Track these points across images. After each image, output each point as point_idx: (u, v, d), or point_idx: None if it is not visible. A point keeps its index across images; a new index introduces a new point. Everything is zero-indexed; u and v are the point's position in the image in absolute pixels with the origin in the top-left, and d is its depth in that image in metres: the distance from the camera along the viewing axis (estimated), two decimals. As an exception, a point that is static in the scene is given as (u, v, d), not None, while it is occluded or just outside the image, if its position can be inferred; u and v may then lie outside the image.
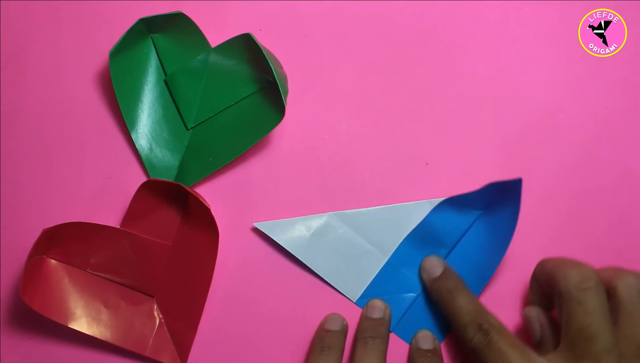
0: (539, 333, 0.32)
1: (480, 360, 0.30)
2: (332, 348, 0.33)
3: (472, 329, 0.30)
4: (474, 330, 0.30)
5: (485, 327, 0.30)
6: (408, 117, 0.36)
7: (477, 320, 0.31)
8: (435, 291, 0.33)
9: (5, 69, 0.37)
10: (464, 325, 0.31)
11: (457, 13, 0.36)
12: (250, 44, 0.33)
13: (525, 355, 0.29)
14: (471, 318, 0.31)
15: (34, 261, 0.33)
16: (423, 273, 0.34)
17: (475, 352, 0.30)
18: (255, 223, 0.35)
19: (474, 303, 0.32)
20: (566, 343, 0.28)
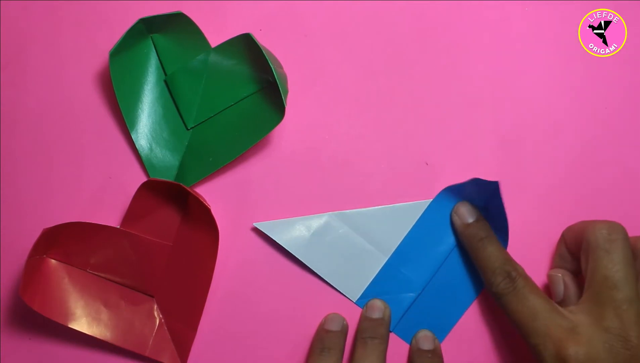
0: (562, 293, 0.32)
1: (504, 306, 0.31)
2: (332, 349, 0.33)
3: (500, 275, 0.31)
4: (502, 276, 0.31)
5: (513, 274, 0.31)
6: (408, 117, 0.36)
7: (506, 268, 0.31)
8: (467, 237, 0.33)
9: (5, 69, 0.37)
10: (493, 270, 0.32)
11: (457, 13, 0.36)
12: (250, 44, 0.33)
13: (549, 303, 0.29)
14: (500, 265, 0.31)
15: (34, 261, 0.33)
16: (455, 218, 0.34)
17: (500, 297, 0.31)
18: (255, 223, 0.35)
19: (503, 252, 0.32)
20: (590, 293, 0.29)
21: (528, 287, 0.31)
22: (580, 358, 0.27)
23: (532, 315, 0.29)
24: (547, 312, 0.29)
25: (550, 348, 0.28)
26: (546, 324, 0.29)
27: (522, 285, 0.31)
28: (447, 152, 0.36)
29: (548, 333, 0.28)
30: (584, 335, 0.28)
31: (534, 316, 0.29)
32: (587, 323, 0.28)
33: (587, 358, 0.27)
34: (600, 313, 0.28)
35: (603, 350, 0.27)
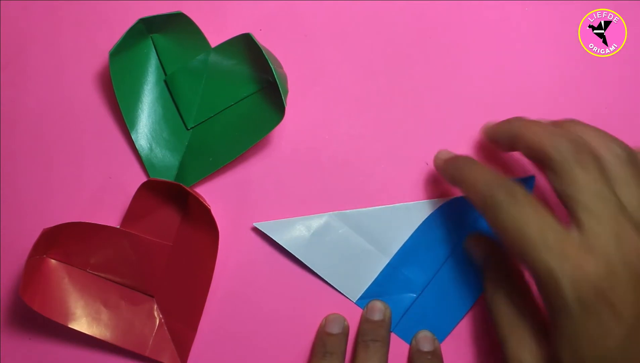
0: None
1: (503, 222, 0.26)
2: (334, 353, 0.33)
3: (497, 188, 0.27)
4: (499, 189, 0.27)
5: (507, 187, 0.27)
6: (408, 117, 0.36)
7: (497, 181, 0.27)
8: (447, 170, 0.31)
9: (5, 69, 0.37)
10: (482, 184, 0.28)
11: (457, 13, 0.36)
12: (250, 44, 0.33)
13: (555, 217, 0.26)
14: (490, 178, 0.28)
15: (34, 261, 0.33)
16: (436, 161, 0.32)
17: (497, 210, 0.26)
18: (255, 223, 0.35)
19: (492, 171, 0.29)
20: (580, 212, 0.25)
21: (530, 197, 0.26)
22: (601, 275, 0.23)
23: (543, 228, 0.25)
24: (557, 225, 0.25)
25: (567, 268, 0.24)
26: (560, 238, 0.24)
27: (523, 194, 0.26)
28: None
29: (563, 250, 0.24)
30: (601, 253, 0.24)
31: (544, 230, 0.25)
32: (598, 239, 0.24)
33: (608, 274, 0.23)
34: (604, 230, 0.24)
35: (620, 264, 0.24)
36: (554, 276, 0.24)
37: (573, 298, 0.24)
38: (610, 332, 0.23)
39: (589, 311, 0.23)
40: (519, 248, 0.25)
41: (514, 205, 0.26)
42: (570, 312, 0.24)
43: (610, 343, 0.23)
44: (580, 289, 0.24)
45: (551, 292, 0.24)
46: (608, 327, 0.23)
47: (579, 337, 0.24)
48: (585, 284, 0.23)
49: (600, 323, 0.23)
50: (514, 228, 0.26)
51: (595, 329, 0.23)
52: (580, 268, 0.24)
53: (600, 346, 0.23)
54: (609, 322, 0.23)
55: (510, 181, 0.27)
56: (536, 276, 0.25)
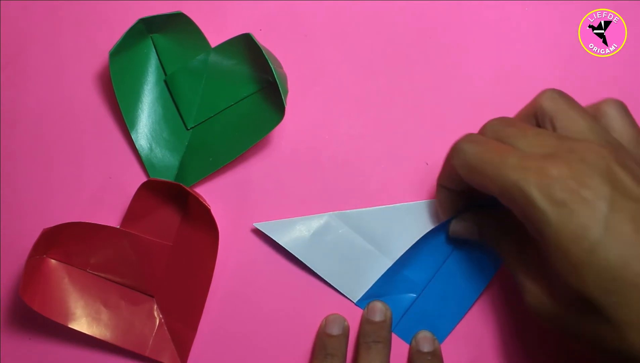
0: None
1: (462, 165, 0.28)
2: (335, 355, 0.33)
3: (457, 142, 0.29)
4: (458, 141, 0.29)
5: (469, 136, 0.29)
6: (408, 117, 0.36)
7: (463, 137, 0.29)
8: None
9: (5, 69, 0.37)
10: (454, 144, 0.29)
11: (457, 13, 0.36)
12: (250, 44, 0.33)
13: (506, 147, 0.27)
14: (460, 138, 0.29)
15: (34, 261, 0.33)
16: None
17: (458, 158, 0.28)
18: (255, 223, 0.35)
19: None
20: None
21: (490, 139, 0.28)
22: (566, 174, 0.24)
23: (502, 155, 0.26)
24: (516, 150, 0.26)
25: (532, 178, 0.24)
26: (519, 156, 0.26)
27: (482, 137, 0.28)
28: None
29: (525, 164, 0.25)
30: (560, 157, 0.25)
31: (504, 156, 0.26)
32: (551, 154, 0.25)
33: (572, 172, 0.24)
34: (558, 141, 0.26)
35: (581, 162, 0.24)
36: (521, 186, 0.25)
37: (545, 203, 0.24)
38: (590, 224, 0.23)
39: (564, 210, 0.24)
40: (486, 181, 0.27)
41: (474, 143, 0.28)
42: (547, 219, 0.24)
43: (593, 235, 0.23)
44: (550, 192, 0.24)
45: (525, 207, 0.25)
46: (587, 221, 0.23)
47: (563, 240, 0.24)
48: (553, 186, 0.24)
49: (579, 219, 0.23)
50: (476, 161, 0.27)
51: (576, 226, 0.23)
52: (543, 174, 0.24)
53: (585, 240, 0.23)
54: (586, 216, 0.23)
55: (472, 134, 0.29)
56: (508, 198, 0.26)
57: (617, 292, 0.23)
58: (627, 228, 0.23)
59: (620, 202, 0.23)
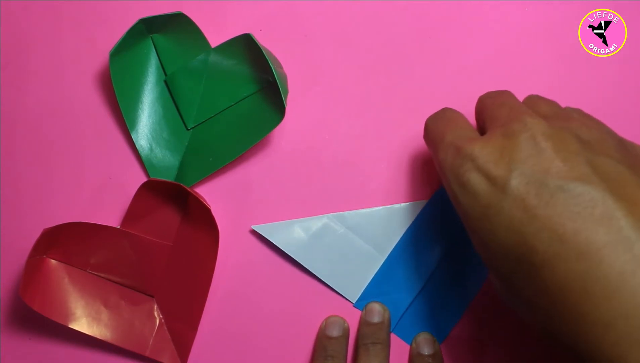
0: None
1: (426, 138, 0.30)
2: (336, 357, 0.33)
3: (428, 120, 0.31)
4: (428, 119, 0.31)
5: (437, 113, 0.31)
6: (408, 117, 0.36)
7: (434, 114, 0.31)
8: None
9: (5, 69, 0.37)
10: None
11: (457, 13, 0.36)
12: (250, 44, 0.33)
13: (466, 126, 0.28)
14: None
15: (34, 261, 0.33)
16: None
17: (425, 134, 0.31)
18: (253, 225, 0.35)
19: None
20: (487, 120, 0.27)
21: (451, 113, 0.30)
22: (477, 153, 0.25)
23: (445, 131, 0.28)
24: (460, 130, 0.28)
25: (449, 158, 0.26)
26: (455, 138, 0.27)
27: (446, 111, 0.30)
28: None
29: (454, 144, 0.26)
30: (483, 137, 0.26)
31: (445, 133, 0.28)
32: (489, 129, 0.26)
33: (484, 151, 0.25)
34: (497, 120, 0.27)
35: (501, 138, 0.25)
36: (443, 166, 0.27)
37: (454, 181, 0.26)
38: (491, 203, 0.24)
39: (468, 189, 0.25)
40: (432, 153, 0.29)
41: (434, 121, 0.30)
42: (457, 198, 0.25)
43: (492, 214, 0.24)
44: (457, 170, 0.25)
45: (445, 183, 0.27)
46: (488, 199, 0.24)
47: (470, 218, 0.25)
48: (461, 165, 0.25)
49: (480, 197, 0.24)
50: (427, 138, 0.30)
51: (479, 205, 0.24)
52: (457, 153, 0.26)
53: (487, 219, 0.24)
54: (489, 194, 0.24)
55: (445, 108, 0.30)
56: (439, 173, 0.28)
57: (519, 272, 0.23)
58: (527, 204, 0.23)
59: (527, 176, 0.23)
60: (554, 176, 0.22)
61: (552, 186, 0.22)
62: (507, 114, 0.26)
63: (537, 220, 0.22)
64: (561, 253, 0.21)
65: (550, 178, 0.22)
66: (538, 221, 0.22)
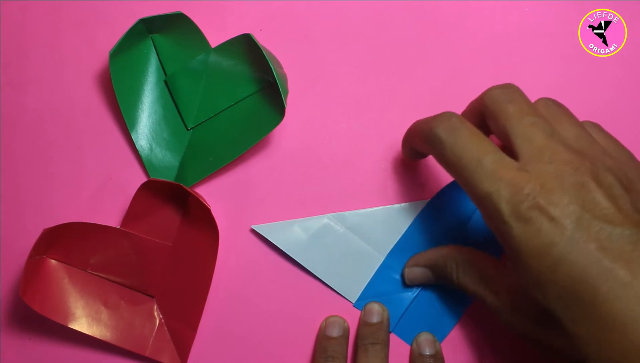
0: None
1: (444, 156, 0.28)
2: (336, 357, 0.33)
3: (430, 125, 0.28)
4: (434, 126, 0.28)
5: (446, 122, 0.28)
6: (408, 117, 0.36)
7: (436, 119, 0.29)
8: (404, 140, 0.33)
9: (5, 69, 0.37)
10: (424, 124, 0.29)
11: (458, 13, 0.36)
12: (250, 44, 0.33)
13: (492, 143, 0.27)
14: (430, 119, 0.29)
15: (34, 261, 0.33)
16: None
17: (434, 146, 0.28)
18: (253, 225, 0.35)
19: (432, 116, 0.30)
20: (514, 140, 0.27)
21: (468, 126, 0.27)
22: (537, 191, 0.24)
23: (480, 154, 0.26)
24: (494, 150, 0.26)
25: (502, 189, 0.25)
26: (496, 161, 0.26)
27: (460, 122, 0.27)
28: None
29: (499, 173, 0.25)
30: (534, 171, 0.25)
31: (481, 156, 0.26)
32: (531, 160, 0.26)
33: (543, 189, 0.24)
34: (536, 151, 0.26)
35: (554, 178, 0.25)
36: (492, 199, 0.25)
37: (511, 216, 0.25)
38: (554, 242, 0.24)
39: (529, 226, 0.24)
40: (460, 177, 0.27)
41: (452, 135, 0.27)
42: (512, 232, 0.25)
43: (556, 253, 0.24)
44: (518, 206, 0.24)
45: (493, 216, 0.25)
46: (550, 238, 0.24)
47: (527, 255, 0.24)
48: (522, 201, 0.24)
49: (542, 235, 0.24)
50: (454, 158, 0.27)
51: (540, 244, 0.24)
52: (515, 187, 0.25)
53: (548, 258, 0.24)
54: (550, 233, 0.24)
55: (450, 115, 0.28)
56: (478, 202, 0.26)
57: (575, 307, 0.24)
58: (590, 247, 0.23)
59: (588, 221, 0.24)
60: (612, 223, 0.24)
61: (611, 232, 0.24)
62: (546, 140, 0.26)
63: (600, 263, 0.23)
64: (624, 295, 0.23)
65: (608, 225, 0.24)
66: (600, 264, 0.23)
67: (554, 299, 0.24)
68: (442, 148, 0.28)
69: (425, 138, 0.29)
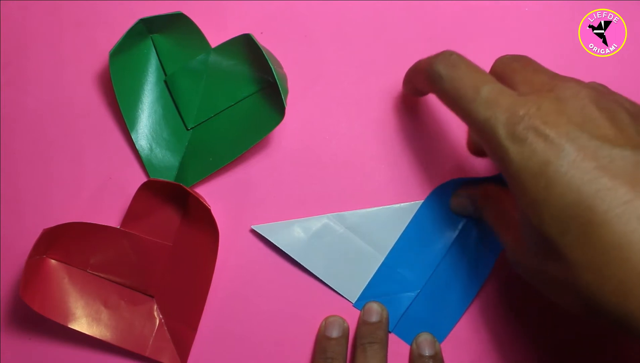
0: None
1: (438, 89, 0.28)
2: (336, 358, 0.33)
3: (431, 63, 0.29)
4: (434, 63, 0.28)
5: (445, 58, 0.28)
6: (408, 117, 0.36)
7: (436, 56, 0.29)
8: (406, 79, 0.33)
9: (5, 69, 0.37)
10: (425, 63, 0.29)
11: (457, 13, 0.36)
12: (250, 44, 0.33)
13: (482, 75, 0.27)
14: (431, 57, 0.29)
15: (34, 261, 0.33)
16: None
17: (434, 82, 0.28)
18: (253, 225, 0.35)
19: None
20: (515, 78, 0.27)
21: (466, 60, 0.28)
22: (533, 113, 0.24)
23: (477, 84, 0.26)
24: (492, 80, 0.26)
25: (501, 116, 0.25)
26: (493, 90, 0.26)
27: (459, 59, 0.28)
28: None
29: (497, 101, 0.25)
30: (532, 97, 0.25)
31: (479, 86, 0.26)
32: (531, 92, 0.26)
33: (539, 111, 0.24)
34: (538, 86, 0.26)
35: (551, 101, 0.25)
36: (490, 123, 0.25)
37: (508, 138, 0.24)
38: (549, 160, 0.23)
39: (525, 147, 0.24)
40: (459, 109, 0.27)
41: (451, 70, 0.27)
42: (510, 156, 0.24)
43: (551, 172, 0.23)
44: (513, 128, 0.24)
45: (491, 140, 0.25)
46: (545, 157, 0.23)
47: (522, 176, 0.24)
48: (518, 122, 0.24)
49: (537, 155, 0.23)
50: (453, 90, 0.27)
51: (534, 163, 0.24)
52: (512, 111, 0.25)
53: (542, 177, 0.23)
54: (546, 152, 0.23)
55: (450, 52, 0.28)
56: (477, 130, 0.26)
57: (572, 231, 0.23)
58: (587, 165, 0.23)
59: (586, 140, 0.23)
60: (612, 142, 0.23)
61: (610, 151, 0.23)
62: (549, 80, 0.26)
63: (598, 181, 0.22)
64: (624, 214, 0.21)
65: (608, 144, 0.23)
66: (599, 182, 0.22)
67: (550, 223, 0.23)
68: (442, 83, 0.28)
69: (426, 74, 0.29)
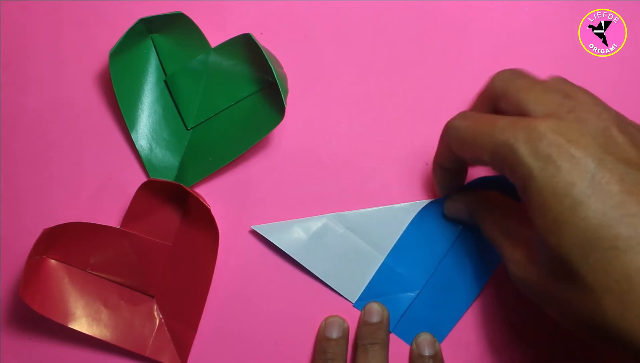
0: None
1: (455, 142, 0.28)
2: (335, 359, 0.33)
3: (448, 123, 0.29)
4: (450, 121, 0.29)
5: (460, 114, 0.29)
6: (408, 117, 0.36)
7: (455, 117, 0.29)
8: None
9: (5, 69, 0.37)
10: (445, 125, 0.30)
11: (457, 13, 0.36)
12: (250, 44, 0.33)
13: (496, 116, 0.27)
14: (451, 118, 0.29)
15: (34, 261, 0.33)
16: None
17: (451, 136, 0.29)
18: (253, 225, 0.35)
19: None
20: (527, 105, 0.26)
21: (480, 113, 0.28)
22: (555, 130, 0.23)
23: (493, 121, 0.26)
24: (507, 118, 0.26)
25: (521, 135, 0.24)
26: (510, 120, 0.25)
27: (469, 112, 0.28)
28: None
29: (514, 125, 0.25)
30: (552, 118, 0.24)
31: (495, 121, 0.26)
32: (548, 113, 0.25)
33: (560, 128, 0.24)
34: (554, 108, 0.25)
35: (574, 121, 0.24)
36: (509, 143, 0.24)
37: (530, 156, 0.24)
38: (575, 181, 0.23)
39: (549, 164, 0.23)
40: (478, 150, 0.26)
41: (466, 121, 0.28)
42: (532, 174, 0.23)
43: (576, 193, 0.22)
44: (536, 144, 0.24)
45: (513, 163, 0.24)
46: (570, 177, 0.23)
47: (546, 195, 0.23)
48: (540, 138, 0.23)
49: (562, 174, 0.23)
50: (469, 137, 0.27)
51: (560, 182, 0.23)
52: (532, 130, 0.24)
53: (567, 197, 0.23)
54: (571, 172, 0.23)
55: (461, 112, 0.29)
56: (499, 161, 0.25)
57: (594, 254, 0.22)
58: (613, 189, 0.22)
59: (611, 163, 0.23)
60: (636, 167, 0.23)
61: (635, 176, 0.22)
62: (563, 99, 0.25)
63: (624, 206, 0.22)
64: None
65: (633, 169, 0.22)
66: (624, 207, 0.22)
67: (570, 244, 0.23)
68: (457, 131, 0.28)
69: (444, 131, 0.29)
